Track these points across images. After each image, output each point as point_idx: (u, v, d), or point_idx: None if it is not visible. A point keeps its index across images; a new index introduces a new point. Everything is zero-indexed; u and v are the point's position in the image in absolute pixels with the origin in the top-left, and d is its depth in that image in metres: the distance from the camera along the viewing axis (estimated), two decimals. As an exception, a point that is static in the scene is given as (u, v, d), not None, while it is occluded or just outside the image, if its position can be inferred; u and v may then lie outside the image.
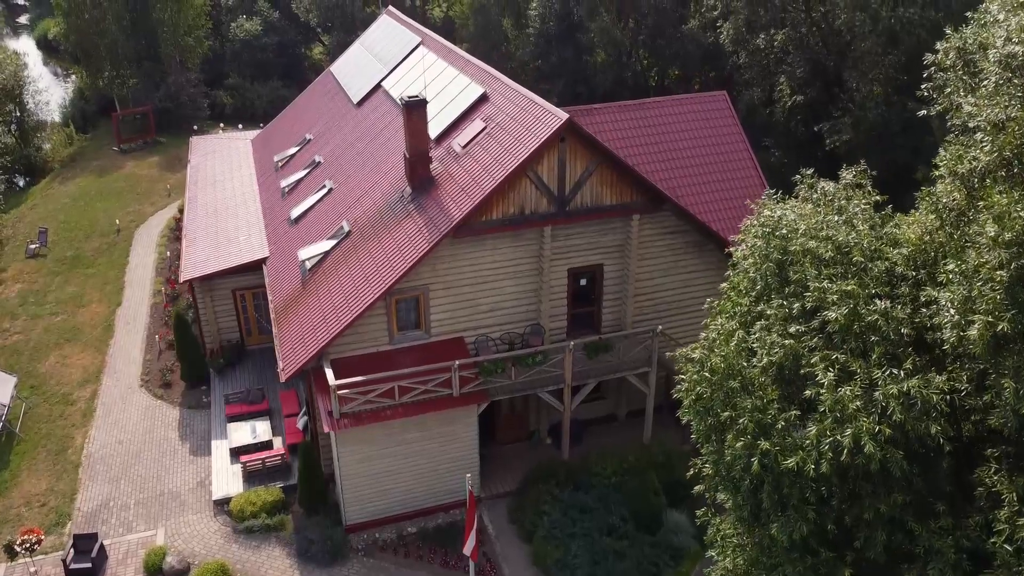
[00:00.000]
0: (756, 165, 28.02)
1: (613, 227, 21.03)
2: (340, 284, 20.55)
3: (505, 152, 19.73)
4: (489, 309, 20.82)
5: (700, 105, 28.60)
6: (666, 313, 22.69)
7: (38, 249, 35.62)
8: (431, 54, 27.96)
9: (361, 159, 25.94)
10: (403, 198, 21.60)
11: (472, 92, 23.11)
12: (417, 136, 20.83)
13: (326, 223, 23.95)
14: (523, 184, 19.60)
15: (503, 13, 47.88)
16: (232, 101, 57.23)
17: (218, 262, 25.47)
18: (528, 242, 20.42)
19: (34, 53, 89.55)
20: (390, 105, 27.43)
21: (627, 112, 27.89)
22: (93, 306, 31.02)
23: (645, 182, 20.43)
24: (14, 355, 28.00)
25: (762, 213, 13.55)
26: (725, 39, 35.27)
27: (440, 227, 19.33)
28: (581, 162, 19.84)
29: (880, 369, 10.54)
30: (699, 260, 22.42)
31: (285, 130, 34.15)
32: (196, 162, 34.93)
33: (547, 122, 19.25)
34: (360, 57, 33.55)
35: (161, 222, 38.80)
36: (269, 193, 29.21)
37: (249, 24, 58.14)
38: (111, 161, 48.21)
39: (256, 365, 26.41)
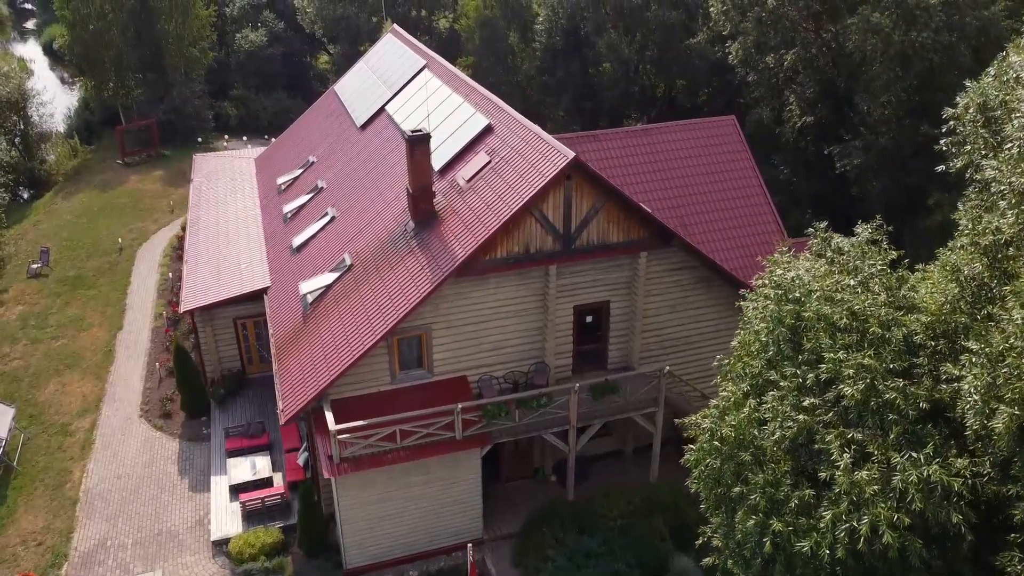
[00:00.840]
0: (765, 192, 27.57)
1: (620, 264, 20.60)
2: (341, 322, 20.17)
3: (509, 189, 19.33)
4: (493, 348, 20.41)
5: (708, 131, 28.18)
6: (674, 349, 22.26)
7: (40, 269, 35.37)
8: (435, 79, 27.57)
9: (364, 186, 25.57)
10: (406, 232, 21.22)
11: (476, 123, 22.71)
12: (420, 171, 20.44)
13: (328, 254, 23.58)
14: (528, 222, 19.19)
15: (509, 27, 47.48)
16: (237, 112, 57.03)
17: (219, 291, 25.13)
18: (533, 280, 20.02)
19: (40, 59, 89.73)
20: (393, 131, 27.06)
21: (634, 138, 27.50)
22: (94, 330, 30.73)
23: (653, 219, 20.00)
24: (13, 382, 27.72)
25: (774, 272, 13.10)
26: (734, 59, 34.76)
27: (443, 267, 18.93)
28: (587, 200, 19.42)
29: (899, 452, 10.10)
30: (707, 296, 21.98)
31: (288, 150, 33.81)
32: (198, 182, 34.62)
33: (553, 160, 18.85)
34: (364, 78, 33.17)
35: (164, 240, 38.51)
36: (271, 218, 28.86)
37: (254, 35, 57.91)
38: (115, 175, 47.97)
39: (257, 395, 26.06)
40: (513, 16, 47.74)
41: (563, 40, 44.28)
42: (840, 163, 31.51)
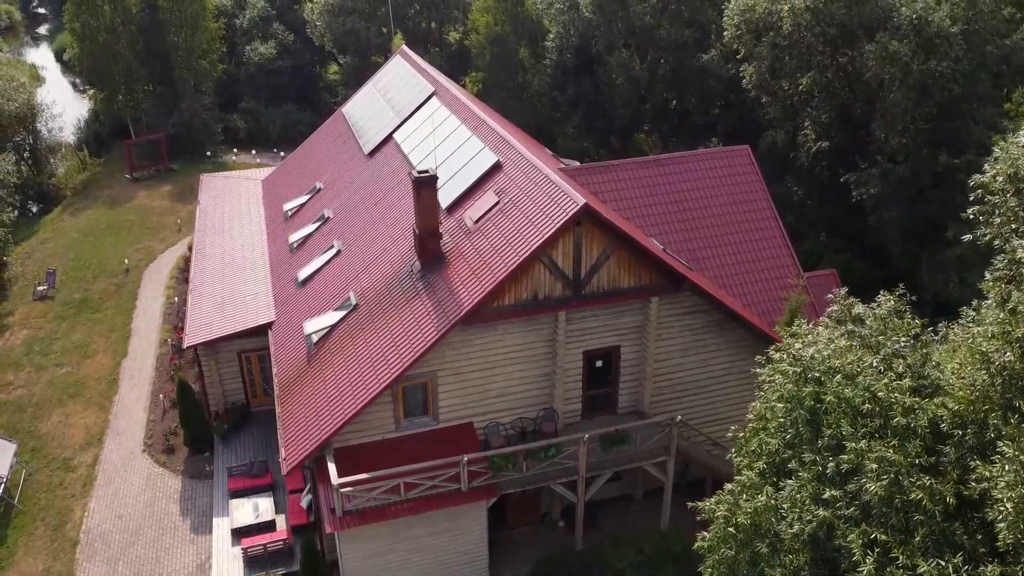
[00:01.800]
0: (780, 225, 26.94)
1: (631, 309, 20.12)
2: (346, 366, 19.76)
3: (517, 233, 18.86)
4: (500, 394, 19.96)
5: (722, 161, 27.60)
6: (685, 393, 21.76)
7: (46, 291, 35.15)
8: (444, 108, 27.14)
9: (370, 218, 25.16)
10: (412, 273, 20.78)
11: (485, 160, 22.26)
12: (427, 212, 20.00)
13: (333, 290, 23.18)
14: (536, 269, 18.73)
15: (519, 43, 46.96)
16: (246, 125, 56.76)
17: (223, 326, 24.77)
18: (541, 326, 19.55)
19: (52, 65, 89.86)
20: (400, 161, 26.65)
21: (645, 169, 26.94)
22: (98, 357, 30.45)
23: (665, 264, 19.48)
24: (17, 412, 27.46)
25: (793, 345, 12.55)
26: (747, 83, 34.14)
27: (449, 314, 18.48)
28: (598, 245, 18.94)
29: (925, 560, 9.57)
30: (720, 339, 21.46)
31: (296, 174, 33.45)
32: (205, 204, 34.30)
33: (563, 205, 18.37)
34: (372, 101, 32.77)
35: (171, 260, 38.24)
36: (277, 246, 28.49)
37: (264, 48, 57.61)
38: (123, 191, 47.78)
39: (261, 430, 25.68)
40: (524, 31, 47.22)
41: (574, 57, 43.74)
42: (856, 191, 30.86)
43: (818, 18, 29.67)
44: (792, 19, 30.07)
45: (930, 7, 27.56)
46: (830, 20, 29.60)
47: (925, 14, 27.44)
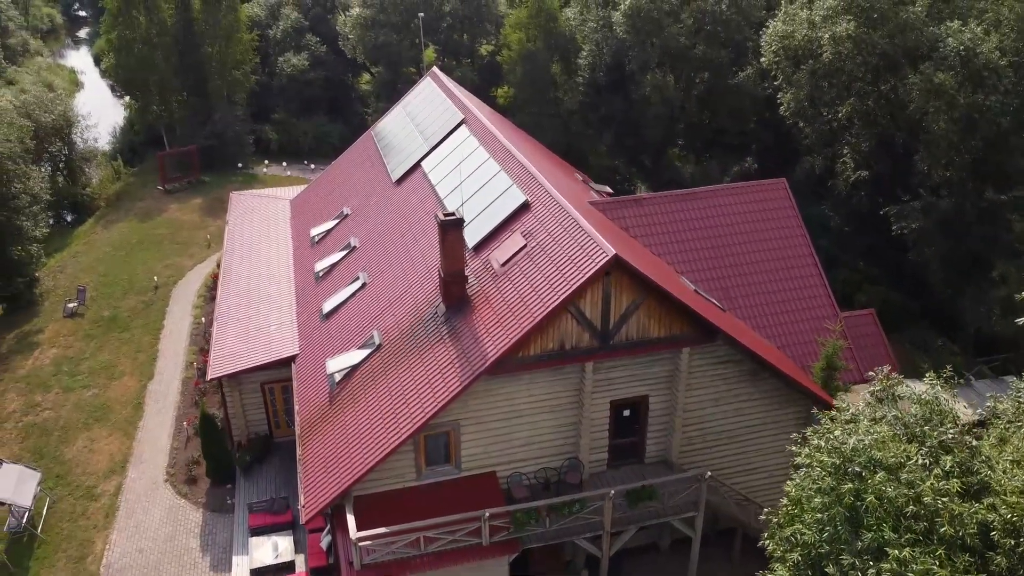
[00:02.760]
0: (817, 263, 26.14)
1: (661, 359, 19.52)
2: (367, 411, 19.40)
3: (545, 282, 18.36)
4: (524, 443, 19.49)
5: (757, 195, 26.86)
6: (716, 442, 21.10)
7: (76, 308, 35.36)
8: (472, 138, 26.73)
9: (396, 251, 24.83)
10: (436, 316, 20.37)
11: (513, 198, 21.79)
12: (452, 256, 19.57)
13: (357, 327, 22.87)
14: (563, 319, 18.21)
15: (551, 59, 46.41)
16: (278, 137, 56.89)
17: (247, 358, 24.60)
18: (567, 376, 19.04)
19: (91, 69, 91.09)
20: (427, 191, 26.29)
21: (678, 202, 26.32)
22: (125, 379, 30.50)
23: (697, 316, 18.85)
24: (43, 435, 27.57)
25: (832, 432, 11.91)
26: (785, 111, 33.25)
27: (473, 364, 18.04)
28: (627, 295, 18.37)
29: None
30: (754, 388, 20.76)
31: (323, 197, 33.24)
32: (234, 224, 34.27)
33: (591, 255, 17.83)
34: (401, 125, 32.47)
35: (199, 278, 38.31)
36: (303, 273, 28.28)
37: (296, 59, 57.71)
38: (154, 203, 48.09)
39: (283, 461, 25.47)
40: (556, 48, 46.67)
41: (606, 75, 43.09)
42: (896, 225, 29.90)
43: (860, 47, 28.78)
44: (833, 48, 29.22)
45: (978, 38, 26.57)
46: (872, 49, 28.68)
47: (973, 45, 26.47)
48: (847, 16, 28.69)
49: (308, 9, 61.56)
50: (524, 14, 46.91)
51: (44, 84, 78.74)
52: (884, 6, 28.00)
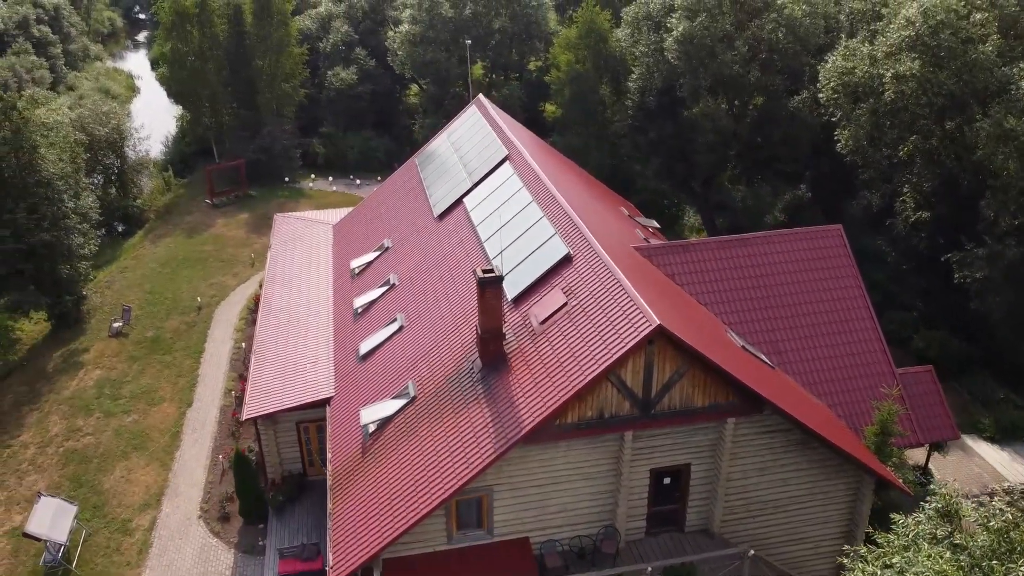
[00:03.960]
0: (873, 317, 25.00)
1: (704, 428, 18.67)
2: (399, 470, 18.94)
3: (585, 348, 17.67)
4: (559, 510, 18.84)
5: (811, 242, 25.81)
6: (760, 512, 20.14)
7: (121, 328, 35.74)
8: (516, 178, 26.14)
9: (435, 294, 24.37)
10: (472, 372, 19.83)
11: (555, 250, 21.13)
12: (490, 313, 19.01)
13: (392, 373, 22.46)
14: (603, 387, 17.51)
15: (600, 79, 45.58)
16: (324, 151, 57.09)
17: (282, 398, 24.38)
18: (606, 443, 18.33)
19: (148, 74, 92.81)
20: (468, 231, 25.79)
21: (727, 249, 25.41)
22: (164, 405, 30.65)
23: (744, 386, 17.95)
24: (83, 463, 27.80)
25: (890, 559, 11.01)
26: (843, 147, 31.89)
27: (508, 432, 17.44)
28: (670, 364, 17.59)
29: None
30: (802, 458, 19.76)
31: (366, 225, 32.97)
32: (276, 250, 34.21)
33: (634, 323, 17.09)
34: (445, 156, 32.04)
35: (241, 299, 38.46)
36: (342, 308, 28.00)
37: (345, 73, 57.83)
38: (202, 217, 48.58)
39: (316, 502, 25.19)
40: (606, 68, 45.82)
41: (656, 99, 42.09)
42: (959, 273, 28.44)
43: (925, 87, 27.40)
44: (895, 86, 27.88)
45: (1054, 81, 25.11)
46: (938, 90, 27.29)
47: (1048, 89, 25.01)
48: (911, 54, 27.33)
49: (358, 22, 61.68)
50: (574, 34, 46.17)
51: (102, 90, 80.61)
52: (952, 45, 26.61)
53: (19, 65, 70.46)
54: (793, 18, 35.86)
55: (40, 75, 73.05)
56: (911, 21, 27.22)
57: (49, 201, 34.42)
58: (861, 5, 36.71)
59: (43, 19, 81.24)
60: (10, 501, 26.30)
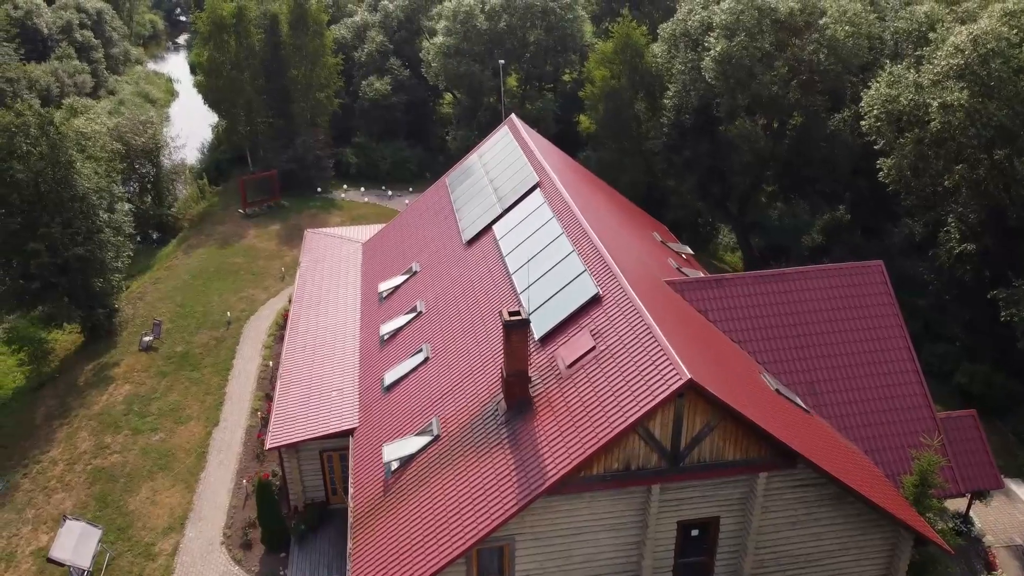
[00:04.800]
0: (914, 358, 24.16)
1: (735, 481, 18.05)
2: (420, 515, 18.60)
3: (612, 398, 17.16)
4: (583, 561, 18.34)
5: (850, 278, 25.01)
6: (791, 566, 19.46)
7: (152, 342, 35.93)
8: (546, 207, 25.69)
9: (461, 325, 24.02)
10: (497, 414, 19.42)
11: (584, 289, 20.63)
12: (516, 357, 18.58)
13: (416, 408, 22.14)
14: (630, 439, 16.99)
15: (636, 95, 44.89)
16: (357, 161, 57.11)
17: (306, 427, 24.23)
18: (632, 495, 17.79)
19: (187, 78, 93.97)
20: (496, 260, 25.40)
21: (763, 284, 24.72)
22: (191, 424, 30.70)
23: (778, 442, 17.30)
24: (110, 482, 27.91)
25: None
26: (885, 177, 30.89)
27: (532, 482, 17.00)
28: (701, 417, 17.01)
29: None
30: (836, 512, 19.03)
31: (395, 245, 32.75)
32: (306, 268, 34.18)
33: (664, 376, 16.54)
34: (476, 178, 31.69)
35: (271, 314, 38.49)
36: (369, 333, 27.77)
37: (379, 83, 57.78)
38: (234, 227, 48.83)
39: (339, 531, 24.98)
40: (641, 84, 45.12)
41: (692, 118, 41.32)
42: (1005, 311, 27.37)
43: (973, 118, 26.39)
44: (942, 116, 26.89)
45: (1112, 116, 24.00)
46: (988, 121, 26.27)
47: (1105, 124, 23.91)
48: (959, 83, 26.34)
49: (393, 32, 61.62)
50: (609, 48, 45.51)
51: (141, 95, 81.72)
52: (1003, 74, 25.57)
53: (62, 70, 71.67)
54: (835, 39, 34.88)
55: (82, 80, 74.25)
56: (960, 49, 26.23)
57: (84, 215, 34.70)
58: (907, 25, 35.67)
59: (86, 24, 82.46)
60: (38, 520, 26.47)
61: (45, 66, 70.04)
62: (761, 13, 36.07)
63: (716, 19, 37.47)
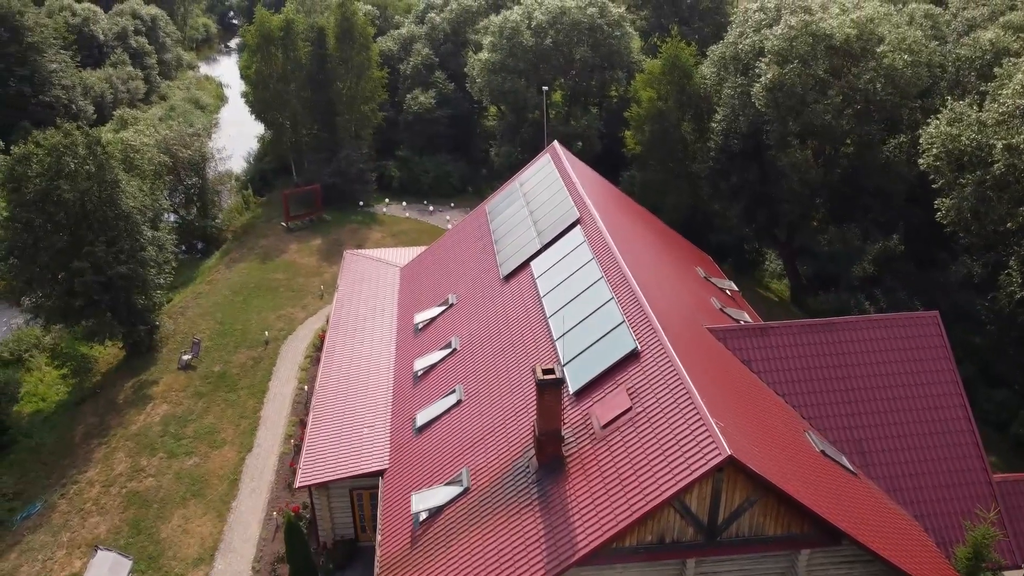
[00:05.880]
0: (970, 417, 22.93)
1: (775, 557, 17.22)
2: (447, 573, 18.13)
3: (648, 467, 16.48)
4: (612, 630, 17.67)
5: (903, 330, 23.90)
6: (833, 642, 18.53)
7: (190, 360, 36.16)
8: (586, 248, 25.04)
9: (495, 368, 23.52)
10: (528, 471, 18.86)
11: (622, 342, 19.95)
12: (549, 416, 18.01)
13: (448, 454, 21.70)
14: (665, 512, 16.29)
15: (683, 116, 43.89)
16: (399, 175, 57.02)
17: (337, 467, 23.98)
18: (666, 568, 17.07)
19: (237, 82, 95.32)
20: (534, 300, 24.85)
21: (809, 334, 23.77)
22: (225, 449, 30.73)
23: (822, 520, 16.43)
24: (143, 507, 28.04)
25: None
26: (943, 218, 29.49)
27: (562, 552, 16.39)
28: (740, 493, 16.24)
29: None
30: (882, 590, 18.06)
31: (433, 272, 32.39)
32: (343, 292, 34.02)
33: (703, 449, 15.80)
34: (515, 208, 31.16)
35: (308, 334, 38.47)
36: (403, 367, 27.44)
37: (424, 97, 57.62)
38: (276, 241, 49.09)
39: (367, 568, 24.67)
40: (689, 105, 44.10)
41: (741, 143, 40.19)
42: (1071, 365, 25.92)
43: (1041, 161, 25.05)
44: (1006, 158, 25.54)
45: None
46: (1056, 165, 24.90)
47: None
48: (1027, 123, 25.01)
49: (439, 44, 61.41)
50: (657, 68, 44.57)
51: (192, 100, 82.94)
52: (1074, 116, 24.18)
53: (116, 76, 73.08)
54: (893, 68, 33.51)
55: (135, 86, 75.66)
56: (1028, 88, 24.90)
57: (128, 234, 35.04)
58: (970, 52, 34.14)
59: (140, 30, 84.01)
60: (72, 544, 26.70)
61: (100, 72, 71.49)
62: (816, 39, 34.85)
63: (768, 44, 36.34)
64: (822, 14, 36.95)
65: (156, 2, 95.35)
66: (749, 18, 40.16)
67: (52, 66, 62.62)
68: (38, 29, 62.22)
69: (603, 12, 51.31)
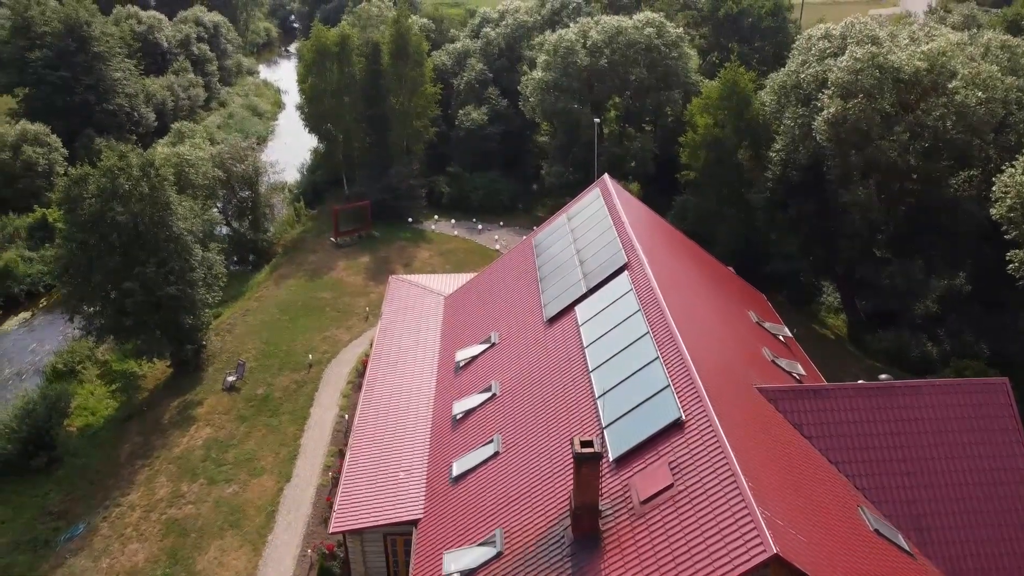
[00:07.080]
0: (1040, 498, 21.37)
1: (821, 653, 16.21)
2: (475, 645, 17.63)
3: (687, 556, 15.65)
4: None
5: (968, 397, 22.53)
6: None
7: (234, 382, 36.39)
8: (632, 297, 24.22)
9: (536, 419, 22.90)
10: (563, 543, 18.18)
11: (666, 409, 19.13)
12: (586, 490, 17.31)
13: (481, 511, 21.15)
14: (705, 604, 15.44)
15: (740, 144, 42.60)
16: (449, 191, 56.80)
17: (371, 514, 23.66)
18: (704, 659, 16.22)
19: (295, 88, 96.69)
20: (577, 349, 24.18)
21: (866, 398, 22.63)
22: (264, 478, 30.74)
23: (873, 621, 15.44)
24: (181, 536, 28.17)
25: None
26: (1016, 271, 27.85)
27: (593, 640, 15.72)
28: (786, 589, 15.28)
29: None
30: None
31: (477, 305, 31.91)
32: (387, 320, 33.75)
33: (748, 544, 14.92)
34: (562, 244, 30.49)
35: (351, 358, 38.38)
36: (442, 408, 27.00)
37: (476, 113, 57.31)
38: (325, 258, 49.31)
39: (398, 617, 24.38)
40: (746, 132, 42.78)
41: (800, 175, 38.79)
42: None
43: None
44: (1089, 213, 23.93)
45: None
46: None
47: None
48: (1113, 178, 23.34)
49: (494, 59, 61.05)
50: (715, 93, 43.39)
51: (250, 107, 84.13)
52: None
53: (177, 84, 74.56)
54: (965, 104, 31.84)
55: (195, 93, 77.13)
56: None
57: (178, 255, 35.42)
58: (1050, 88, 32.28)
59: (203, 37, 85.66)
60: (111, 571, 26.96)
61: (162, 80, 73.01)
62: (883, 72, 33.34)
63: (832, 76, 34.92)
64: (890, 44, 35.43)
65: (218, 8, 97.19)
66: (812, 46, 38.76)
67: (117, 75, 64.13)
68: (104, 39, 63.75)
69: (660, 32, 50.25)
